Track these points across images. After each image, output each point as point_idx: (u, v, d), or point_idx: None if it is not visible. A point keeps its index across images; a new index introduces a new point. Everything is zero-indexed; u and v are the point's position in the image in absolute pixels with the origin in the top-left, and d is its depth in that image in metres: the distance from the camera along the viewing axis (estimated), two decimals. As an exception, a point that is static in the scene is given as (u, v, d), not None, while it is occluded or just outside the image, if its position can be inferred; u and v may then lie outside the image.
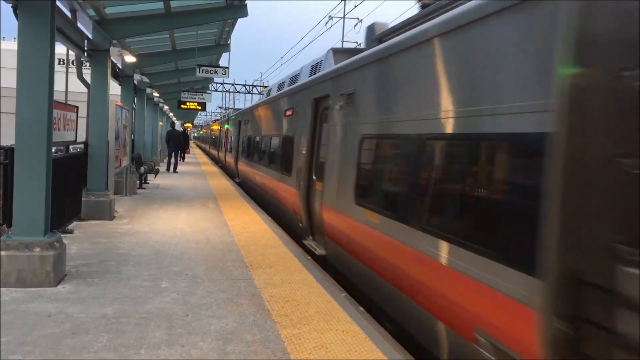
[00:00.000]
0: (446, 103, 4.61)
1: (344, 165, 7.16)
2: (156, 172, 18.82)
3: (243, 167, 18.99)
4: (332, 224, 7.50)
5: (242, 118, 20.99)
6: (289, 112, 11.50)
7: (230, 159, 23.88)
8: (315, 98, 9.17)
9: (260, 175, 14.69)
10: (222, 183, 19.06)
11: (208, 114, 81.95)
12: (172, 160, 23.59)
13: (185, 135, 29.47)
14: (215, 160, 34.59)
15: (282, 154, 11.50)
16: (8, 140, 7.29)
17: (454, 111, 4.47)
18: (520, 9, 3.71)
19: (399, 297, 5.22)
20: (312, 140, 9.20)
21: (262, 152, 14.63)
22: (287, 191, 10.53)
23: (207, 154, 47.21)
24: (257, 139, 16.06)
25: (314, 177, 8.90)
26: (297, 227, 9.72)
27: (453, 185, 4.42)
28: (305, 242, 8.86)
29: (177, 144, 23.87)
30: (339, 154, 7.46)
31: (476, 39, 4.25)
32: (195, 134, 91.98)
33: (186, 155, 34.12)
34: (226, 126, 27.86)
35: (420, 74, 5.16)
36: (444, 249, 4.34)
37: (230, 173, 23.71)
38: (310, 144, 9.21)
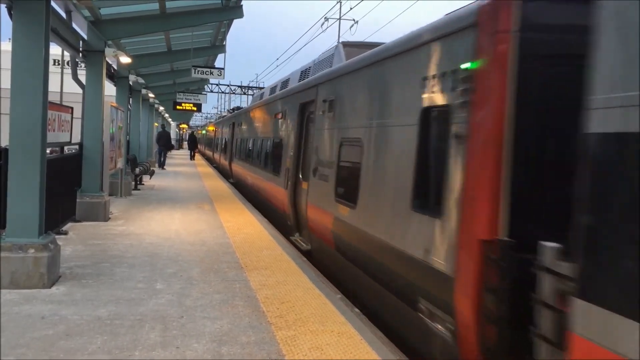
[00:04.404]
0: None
1: (239, 148, 19.14)
2: (151, 174, 18.80)
3: None
4: (236, 170, 19.56)
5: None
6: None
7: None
8: (232, 123, 22.01)
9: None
10: (218, 184, 19.03)
11: (203, 114, 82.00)
12: (162, 158, 26.07)
13: (193, 137, 39.85)
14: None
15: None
16: (4, 142, 7.26)
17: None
18: None
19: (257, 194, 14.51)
20: (231, 138, 21.28)
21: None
22: (225, 163, 23.03)
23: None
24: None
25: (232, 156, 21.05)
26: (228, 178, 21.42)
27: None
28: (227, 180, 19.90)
29: (166, 143, 26.54)
30: (238, 144, 19.62)
31: None
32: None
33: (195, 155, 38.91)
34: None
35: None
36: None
37: None
38: (230, 141, 21.27)
